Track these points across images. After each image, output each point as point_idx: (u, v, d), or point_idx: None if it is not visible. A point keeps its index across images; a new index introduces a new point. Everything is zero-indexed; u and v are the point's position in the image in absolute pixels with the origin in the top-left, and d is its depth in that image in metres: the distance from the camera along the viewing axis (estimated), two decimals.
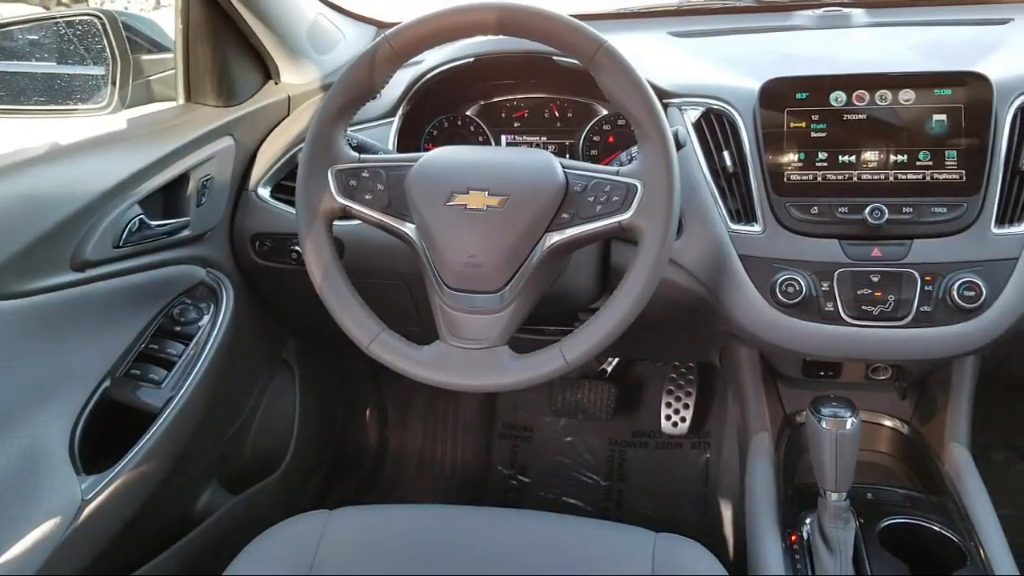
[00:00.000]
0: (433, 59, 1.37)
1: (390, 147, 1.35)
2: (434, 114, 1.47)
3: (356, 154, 1.09)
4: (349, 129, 1.13)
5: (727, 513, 1.71)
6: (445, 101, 1.45)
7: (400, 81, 1.37)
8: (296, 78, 1.53)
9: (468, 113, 1.47)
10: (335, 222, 1.09)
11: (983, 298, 1.08)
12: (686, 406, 2.05)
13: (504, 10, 0.99)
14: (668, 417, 2.04)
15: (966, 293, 1.08)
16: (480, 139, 1.47)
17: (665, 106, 1.16)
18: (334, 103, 1.06)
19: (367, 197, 1.06)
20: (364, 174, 1.06)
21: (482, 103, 1.47)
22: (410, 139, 1.42)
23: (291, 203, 1.36)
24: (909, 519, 1.14)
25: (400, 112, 1.37)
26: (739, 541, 1.54)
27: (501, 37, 1.02)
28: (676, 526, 1.12)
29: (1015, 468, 1.92)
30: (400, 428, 2.19)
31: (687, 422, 2.03)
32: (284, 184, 1.40)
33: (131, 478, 1.15)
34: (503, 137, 1.47)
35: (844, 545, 1.04)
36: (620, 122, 1.40)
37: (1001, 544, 1.10)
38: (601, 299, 1.28)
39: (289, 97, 1.51)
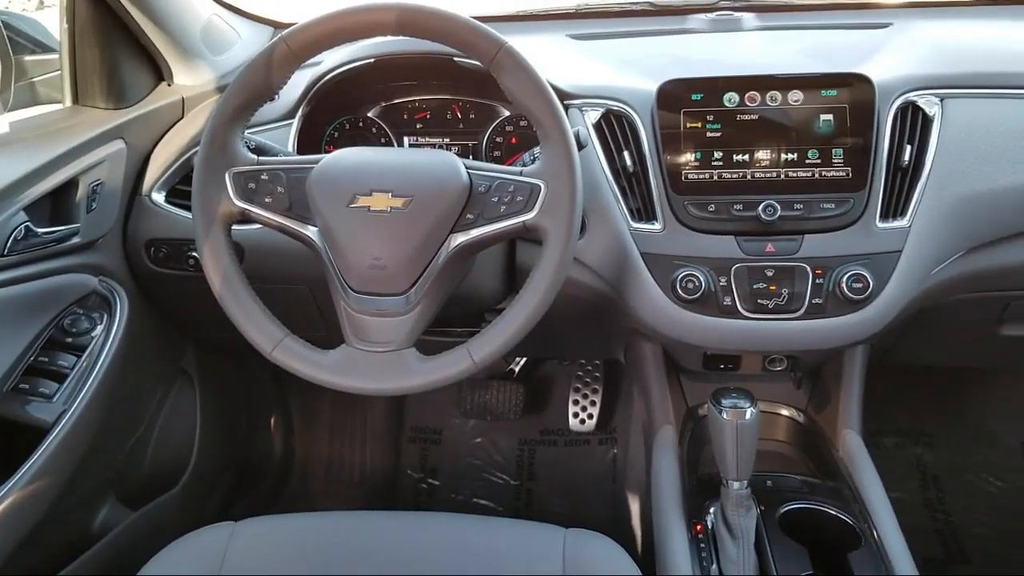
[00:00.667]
0: (332, 60, 1.35)
1: (290, 149, 1.32)
2: (334, 116, 1.45)
3: (254, 156, 1.07)
4: (247, 131, 1.11)
5: (634, 506, 1.75)
6: (345, 102, 1.43)
7: (299, 82, 1.34)
8: (190, 79, 1.49)
9: (369, 115, 1.46)
10: (234, 226, 1.06)
11: (870, 289, 1.12)
12: (593, 403, 2.09)
13: (404, 11, 0.99)
14: (576, 415, 2.07)
15: (854, 285, 1.12)
16: (382, 141, 1.46)
17: (566, 107, 1.18)
18: (230, 104, 1.04)
19: (267, 200, 1.04)
20: (263, 177, 1.04)
21: (383, 104, 1.46)
22: (310, 141, 1.40)
23: (187, 208, 1.32)
24: (807, 504, 1.18)
25: (300, 114, 1.35)
26: (647, 533, 1.57)
27: (402, 38, 1.01)
28: (586, 522, 1.13)
29: (904, 452, 2.02)
30: (306, 435, 2.15)
31: (594, 419, 2.06)
32: (180, 188, 1.36)
33: (22, 497, 1.10)
34: (406, 139, 1.46)
35: (746, 532, 1.07)
36: (523, 123, 1.42)
37: (893, 525, 1.15)
38: (507, 299, 1.29)
39: (183, 99, 1.47)
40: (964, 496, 1.94)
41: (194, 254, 1.33)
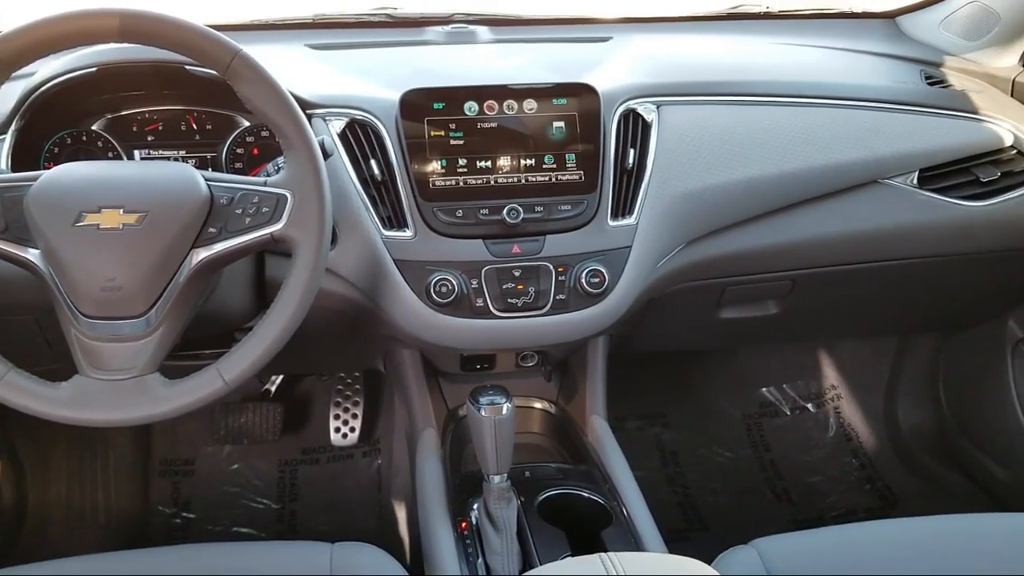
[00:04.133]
0: (48, 69, 1.24)
1: (3, 167, 1.20)
2: (53, 130, 1.33)
3: None
4: None
5: (401, 513, 1.76)
6: (66, 115, 1.32)
7: (10, 94, 1.22)
8: None
9: (94, 128, 1.36)
10: None
11: (606, 284, 1.21)
12: (354, 416, 2.07)
13: (128, 17, 0.93)
14: (337, 429, 2.05)
15: (592, 280, 1.21)
16: (110, 155, 1.36)
17: (309, 117, 1.16)
18: None
19: None
20: None
21: (109, 116, 1.37)
22: (26, 159, 1.27)
23: None
24: (562, 490, 1.24)
25: (12, 129, 1.23)
26: (415, 538, 1.59)
27: (127, 45, 0.96)
28: (354, 535, 1.12)
29: (645, 433, 2.19)
30: (40, 479, 1.96)
31: (356, 432, 2.05)
32: None
33: None
34: (136, 152, 1.38)
35: (508, 523, 1.11)
36: (264, 133, 1.38)
37: (639, 502, 1.24)
38: (259, 315, 1.25)
39: None
40: (699, 469, 2.13)
41: None
